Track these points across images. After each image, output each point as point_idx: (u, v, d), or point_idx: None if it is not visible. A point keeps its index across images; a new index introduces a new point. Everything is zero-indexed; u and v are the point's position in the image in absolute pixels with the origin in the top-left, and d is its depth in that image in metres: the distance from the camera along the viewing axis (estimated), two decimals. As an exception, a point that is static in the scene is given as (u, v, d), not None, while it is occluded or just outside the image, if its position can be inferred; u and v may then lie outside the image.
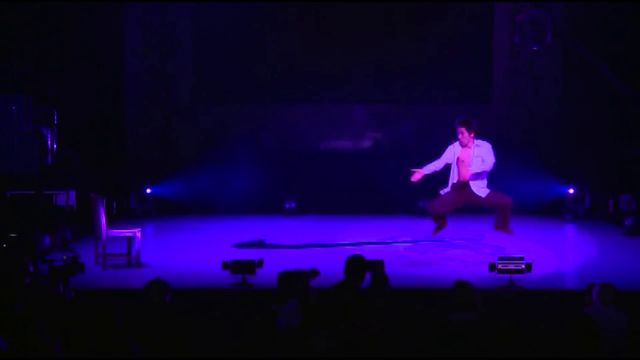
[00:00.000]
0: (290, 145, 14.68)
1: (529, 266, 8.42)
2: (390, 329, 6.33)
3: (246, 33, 14.60)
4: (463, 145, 9.99)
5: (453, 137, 14.53)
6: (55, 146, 13.38)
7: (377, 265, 7.30)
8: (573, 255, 10.91)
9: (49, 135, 13.22)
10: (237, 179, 14.32)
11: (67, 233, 10.86)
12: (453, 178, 10.09)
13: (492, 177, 14.07)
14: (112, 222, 11.49)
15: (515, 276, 8.43)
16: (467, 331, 5.86)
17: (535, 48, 12.68)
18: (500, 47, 14.67)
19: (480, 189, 10.02)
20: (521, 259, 8.48)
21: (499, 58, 14.70)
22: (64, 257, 7.42)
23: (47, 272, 7.32)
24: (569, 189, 13.93)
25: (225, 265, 8.56)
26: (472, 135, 9.94)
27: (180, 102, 14.80)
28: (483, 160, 9.92)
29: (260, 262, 8.56)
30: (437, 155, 10.14)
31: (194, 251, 10.70)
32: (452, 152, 10.10)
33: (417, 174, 10.08)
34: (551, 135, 14.68)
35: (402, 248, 10.87)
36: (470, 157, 9.93)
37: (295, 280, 6.72)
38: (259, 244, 11.34)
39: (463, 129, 9.93)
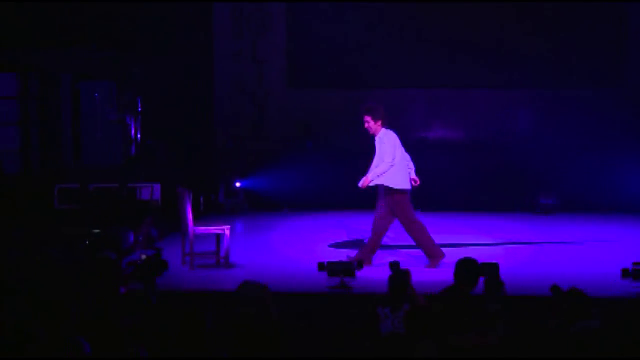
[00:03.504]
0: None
1: (669, 272, 8.13)
2: (505, 340, 6.26)
3: (344, 9, 14.61)
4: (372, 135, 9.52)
5: (576, 124, 14.35)
6: (139, 136, 13.74)
7: (491, 270, 7.21)
8: None
9: (132, 125, 13.58)
10: (334, 172, 14.36)
11: (152, 230, 11.13)
12: None
13: (613, 171, 13.74)
14: (199, 219, 11.74)
15: (653, 284, 8.16)
16: (591, 340, 5.75)
17: None
18: (636, 26, 14.23)
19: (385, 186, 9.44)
20: (661, 263, 8.20)
21: (635, 37, 14.26)
22: (142, 256, 7.57)
23: (131, 272, 7.52)
24: None
25: (321, 266, 8.59)
26: (378, 123, 9.45)
27: (273, 88, 14.95)
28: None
29: (360, 264, 8.57)
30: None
31: (288, 251, 10.81)
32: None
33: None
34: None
35: (520, 250, 10.70)
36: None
37: (407, 285, 6.73)
38: (359, 243, 11.35)
39: (367, 117, 9.42)
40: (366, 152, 14.51)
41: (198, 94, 14.66)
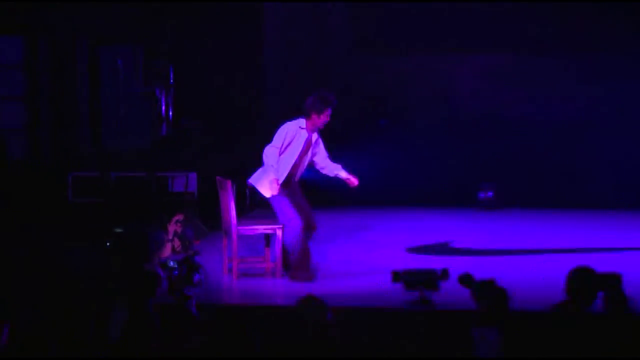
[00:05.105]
0: (488, 112, 14.49)
1: None
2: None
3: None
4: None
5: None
6: (171, 113, 13.84)
7: (612, 282, 7.14)
8: None
9: (163, 99, 13.69)
10: (413, 159, 14.31)
11: (187, 230, 11.19)
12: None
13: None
14: (244, 215, 11.78)
15: None
16: None
17: None
18: None
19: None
20: None
21: None
22: (170, 262, 7.59)
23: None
24: None
25: (396, 276, 8.56)
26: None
27: (336, 54, 14.94)
28: None
29: (445, 273, 8.51)
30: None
31: (355, 256, 10.84)
32: None
33: None
34: None
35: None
36: None
37: (507, 300, 6.69)
38: (443, 248, 11.34)
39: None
40: (452, 134, 14.51)
41: (244, 62, 14.65)
